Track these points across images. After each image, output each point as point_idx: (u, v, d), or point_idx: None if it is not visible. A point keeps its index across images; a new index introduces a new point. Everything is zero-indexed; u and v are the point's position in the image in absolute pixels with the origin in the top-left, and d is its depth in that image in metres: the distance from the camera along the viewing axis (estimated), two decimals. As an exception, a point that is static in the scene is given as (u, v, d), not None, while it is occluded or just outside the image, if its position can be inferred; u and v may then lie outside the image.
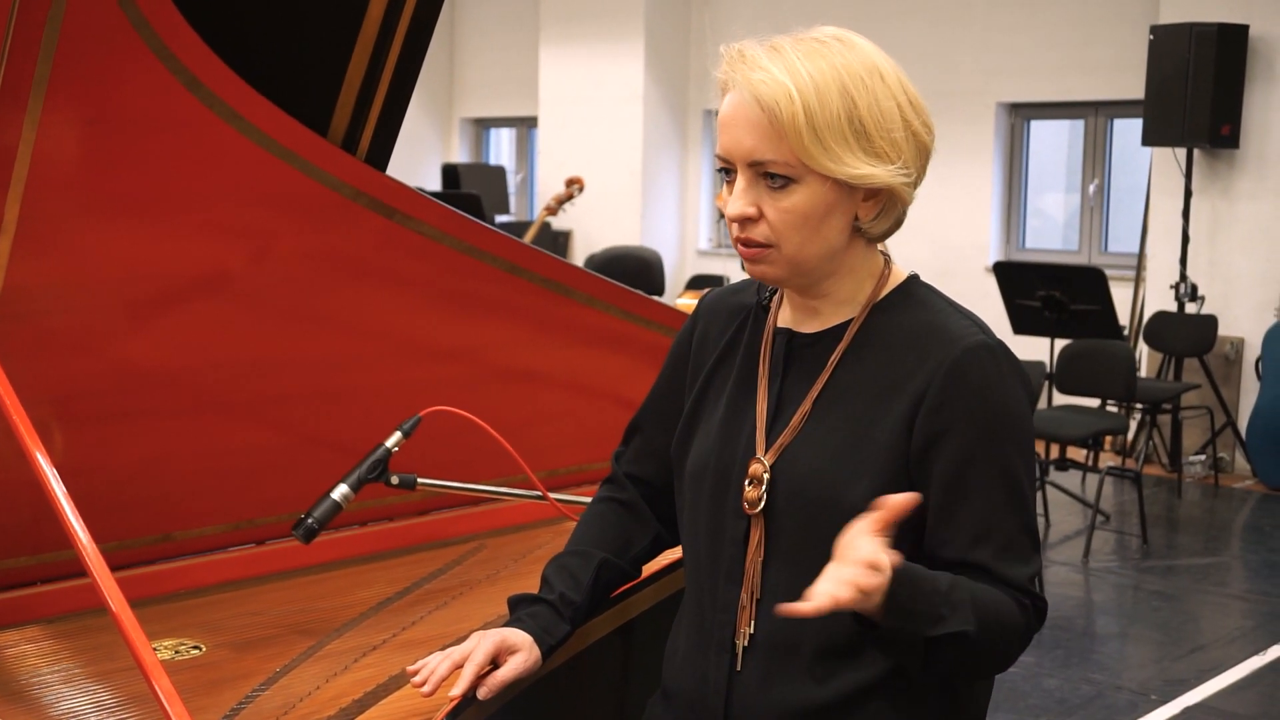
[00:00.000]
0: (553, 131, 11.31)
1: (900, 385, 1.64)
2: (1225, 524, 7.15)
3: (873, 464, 1.62)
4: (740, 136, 1.61)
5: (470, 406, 2.27)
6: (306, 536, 2.14)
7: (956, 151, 9.13)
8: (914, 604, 1.52)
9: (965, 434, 1.61)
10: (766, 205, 1.62)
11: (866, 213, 1.66)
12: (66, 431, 2.23)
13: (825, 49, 1.61)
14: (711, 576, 1.74)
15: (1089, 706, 4.57)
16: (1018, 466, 1.63)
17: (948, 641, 1.56)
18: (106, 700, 1.95)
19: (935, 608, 1.54)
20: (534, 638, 1.80)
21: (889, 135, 1.61)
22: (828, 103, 1.58)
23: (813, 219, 1.62)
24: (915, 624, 1.53)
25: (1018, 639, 1.63)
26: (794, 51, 1.60)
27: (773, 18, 9.66)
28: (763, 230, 1.63)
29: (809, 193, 1.61)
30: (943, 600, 1.55)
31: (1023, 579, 1.62)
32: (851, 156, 1.59)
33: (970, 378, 1.62)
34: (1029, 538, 1.64)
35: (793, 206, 1.61)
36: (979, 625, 1.57)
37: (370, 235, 2.42)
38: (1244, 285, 7.88)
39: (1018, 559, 1.62)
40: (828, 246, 1.65)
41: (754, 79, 1.59)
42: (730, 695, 1.71)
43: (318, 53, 2.29)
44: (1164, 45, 7.62)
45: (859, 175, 1.60)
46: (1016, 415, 1.64)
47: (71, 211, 2.12)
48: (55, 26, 1.93)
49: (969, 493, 1.61)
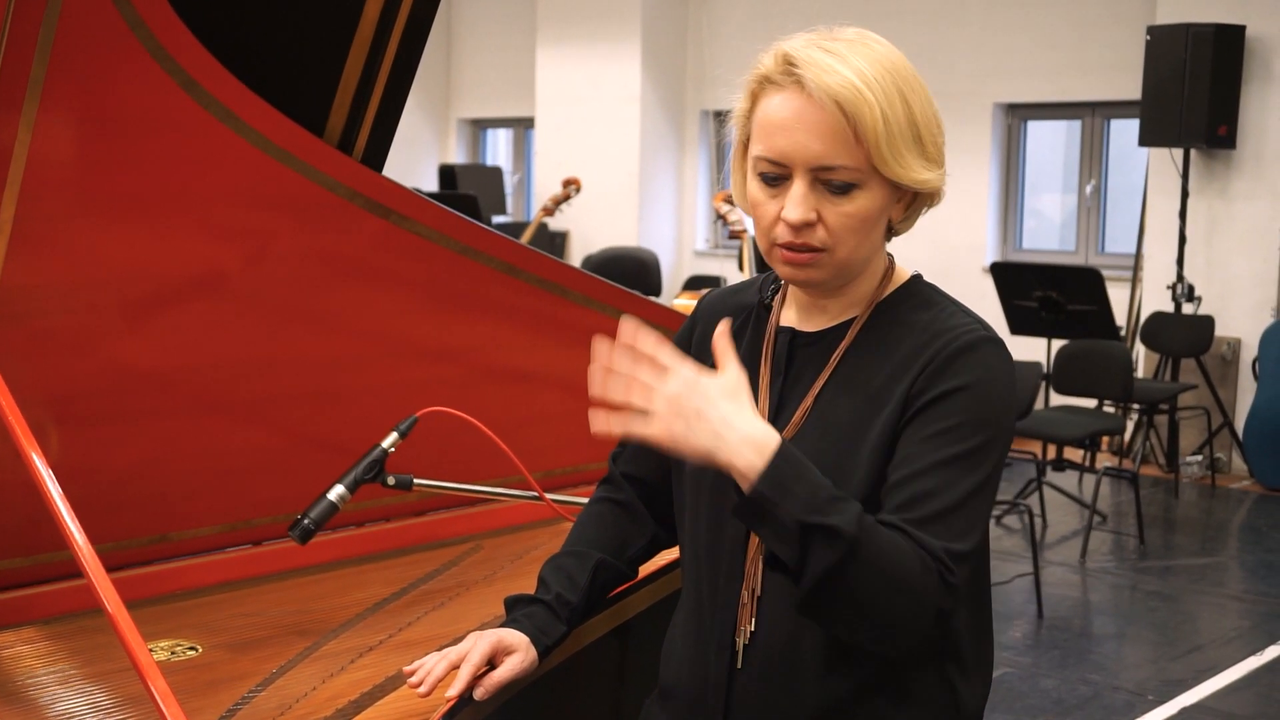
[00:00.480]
0: (550, 132, 11.31)
1: (899, 381, 1.64)
2: (1222, 524, 7.15)
3: (872, 460, 1.62)
4: (806, 141, 1.58)
5: (467, 407, 2.27)
6: (303, 537, 2.14)
7: (953, 152, 8.88)
8: (795, 485, 1.47)
9: (943, 409, 1.59)
10: (826, 210, 1.61)
11: (898, 214, 1.68)
12: (63, 432, 2.23)
13: (870, 51, 1.59)
14: (712, 575, 1.74)
15: (1086, 707, 4.57)
16: (984, 452, 1.59)
17: (821, 540, 1.47)
18: (103, 701, 1.95)
19: (816, 496, 1.48)
20: (530, 638, 1.80)
21: (935, 139, 1.64)
22: (895, 106, 1.57)
23: (869, 222, 1.63)
24: (790, 505, 1.47)
25: (913, 594, 1.51)
26: (849, 52, 1.57)
27: (769, 19, 9.66)
28: (820, 235, 1.61)
29: (871, 197, 1.61)
30: (828, 495, 1.49)
31: (938, 548, 1.53)
32: (915, 161, 1.61)
33: (962, 361, 1.61)
34: (967, 522, 1.56)
35: (856, 211, 1.61)
36: (861, 542, 1.48)
37: (367, 236, 2.42)
38: (1241, 286, 7.89)
39: (947, 530, 1.54)
40: (872, 249, 1.67)
41: (828, 81, 1.55)
42: (731, 694, 1.71)
43: (314, 53, 2.29)
44: (1161, 46, 7.62)
45: (920, 180, 1.62)
46: (999, 407, 1.62)
47: (67, 212, 2.12)
48: (51, 27, 1.93)
49: (924, 459, 1.57)
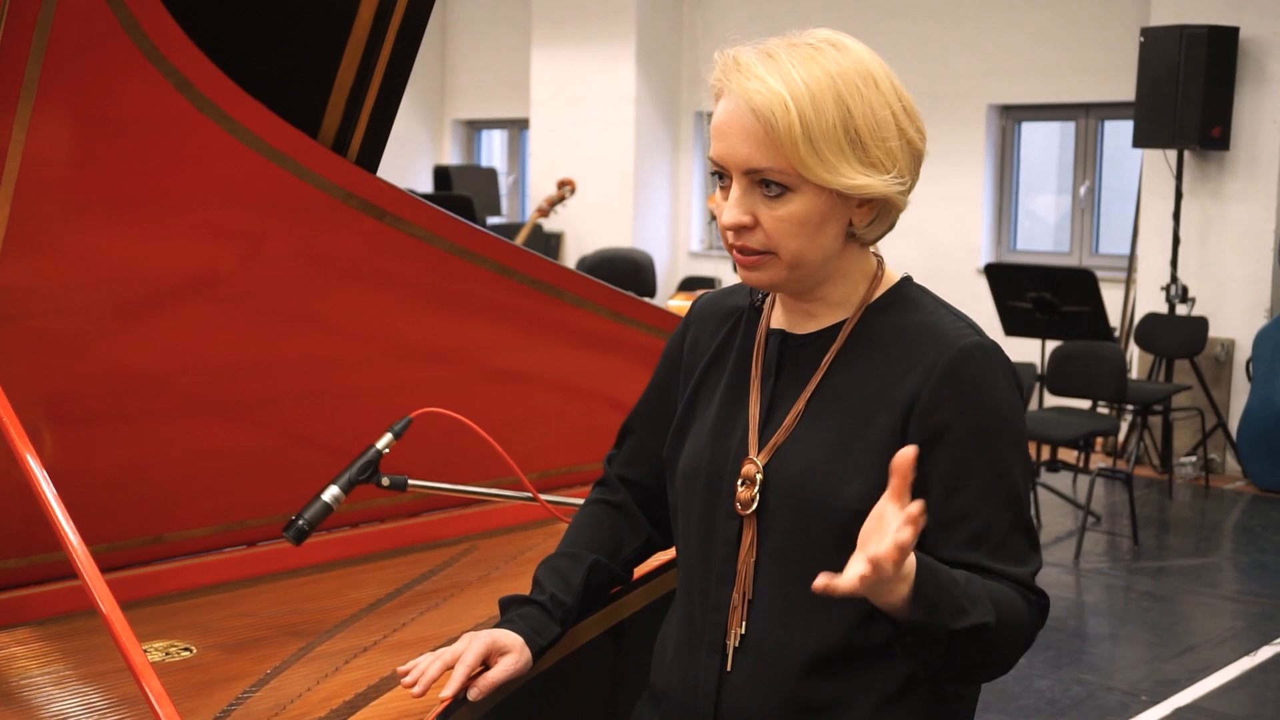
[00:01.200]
0: (544, 133, 11.31)
1: (893, 386, 1.64)
2: (1216, 525, 7.16)
3: (865, 464, 1.62)
4: (735, 145, 1.61)
5: (461, 408, 2.27)
6: (297, 538, 2.14)
7: (947, 153, 9.15)
8: (937, 595, 1.49)
9: (960, 435, 1.61)
10: (762, 213, 1.62)
11: (861, 219, 1.66)
12: (57, 433, 2.22)
13: (819, 54, 1.60)
14: (704, 577, 1.74)
15: (1080, 707, 4.57)
16: (1012, 465, 1.63)
17: (969, 636, 1.53)
18: (97, 702, 1.95)
19: (956, 599, 1.51)
20: (524, 639, 1.80)
21: (884, 145, 1.60)
22: (823, 112, 1.57)
23: (808, 227, 1.62)
24: (940, 617, 1.50)
25: (1025, 635, 1.62)
26: (788, 58, 1.59)
27: (765, 19, 9.66)
28: (759, 238, 1.63)
29: (805, 202, 1.61)
30: (962, 592, 1.52)
31: (1024, 576, 1.62)
32: (847, 167, 1.59)
33: (964, 378, 1.62)
34: (1026, 535, 1.64)
35: (789, 215, 1.61)
36: (998, 618, 1.55)
37: (361, 237, 2.42)
38: (1234, 287, 7.90)
39: (1016, 557, 1.62)
40: (823, 253, 1.65)
41: (749, 88, 1.58)
42: (720, 696, 1.71)
43: (308, 54, 2.29)
44: (1155, 47, 7.63)
45: (855, 186, 1.60)
46: (1010, 415, 1.64)
47: (61, 213, 2.11)
48: (45, 28, 1.93)
49: (965, 493, 1.61)
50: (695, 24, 10.66)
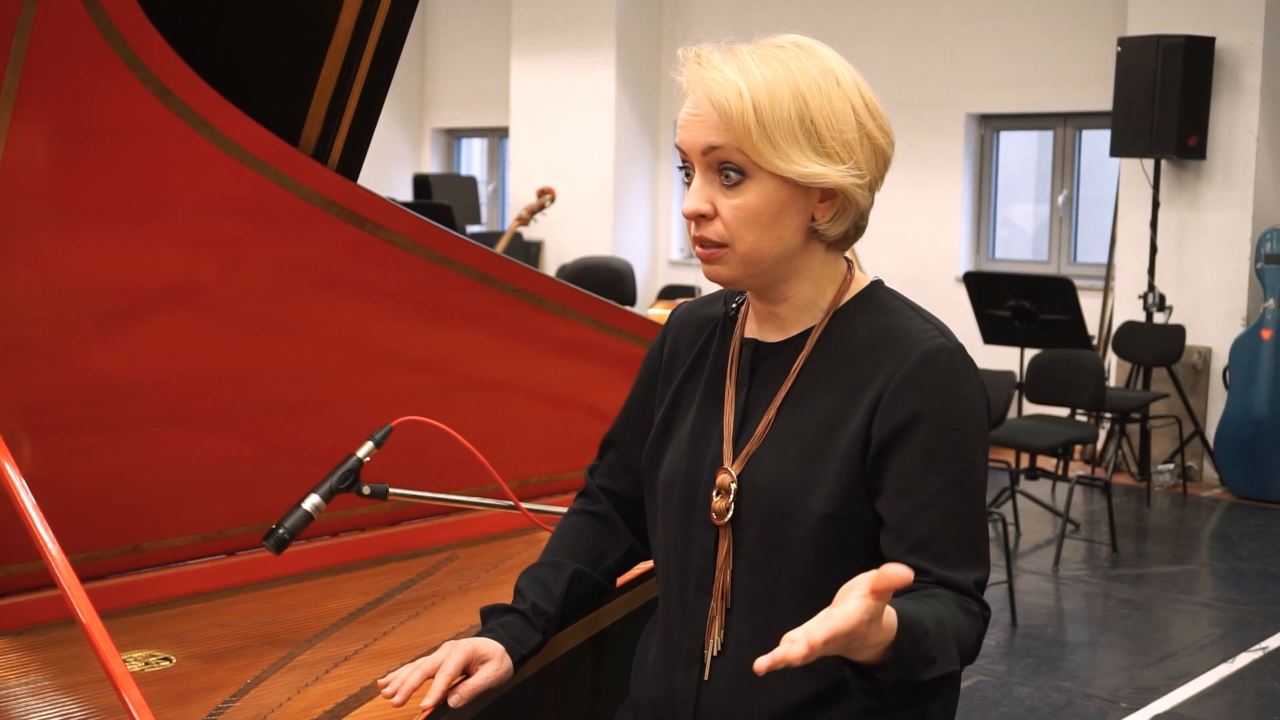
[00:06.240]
0: (524, 142, 11.31)
1: (861, 389, 1.65)
2: (1194, 532, 7.19)
3: (834, 469, 1.63)
4: (696, 131, 1.65)
5: (442, 416, 2.26)
6: (278, 547, 2.14)
7: (926, 162, 9.18)
8: (914, 650, 1.50)
9: (917, 437, 1.61)
10: (720, 202, 1.65)
11: (822, 214, 1.66)
12: (35, 442, 2.21)
13: (783, 54, 1.63)
14: (681, 587, 1.74)
15: (1059, 714, 4.58)
16: (971, 469, 1.63)
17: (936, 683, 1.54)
18: (76, 713, 1.94)
19: (928, 651, 1.51)
20: (505, 647, 1.80)
21: (841, 136, 1.62)
22: (778, 101, 1.60)
23: (765, 217, 1.63)
24: (913, 671, 1.51)
25: (974, 643, 1.62)
26: (750, 55, 1.63)
27: (743, 30, 9.64)
28: (716, 229, 1.66)
29: (761, 190, 1.63)
30: (932, 643, 1.52)
31: (968, 583, 1.61)
32: (800, 155, 1.61)
33: (925, 380, 1.62)
34: (978, 541, 1.63)
35: (745, 204, 1.63)
36: (959, 657, 1.56)
37: (341, 245, 2.41)
38: (1211, 295, 7.94)
39: (965, 562, 1.61)
40: (782, 246, 1.66)
41: (707, 78, 1.63)
42: (699, 705, 1.71)
43: (289, 62, 2.28)
44: (1132, 57, 7.68)
45: (808, 174, 1.61)
46: (969, 418, 1.64)
47: (40, 221, 2.11)
48: (24, 35, 1.93)
49: (918, 495, 1.61)
50: (675, 34, 10.68)
